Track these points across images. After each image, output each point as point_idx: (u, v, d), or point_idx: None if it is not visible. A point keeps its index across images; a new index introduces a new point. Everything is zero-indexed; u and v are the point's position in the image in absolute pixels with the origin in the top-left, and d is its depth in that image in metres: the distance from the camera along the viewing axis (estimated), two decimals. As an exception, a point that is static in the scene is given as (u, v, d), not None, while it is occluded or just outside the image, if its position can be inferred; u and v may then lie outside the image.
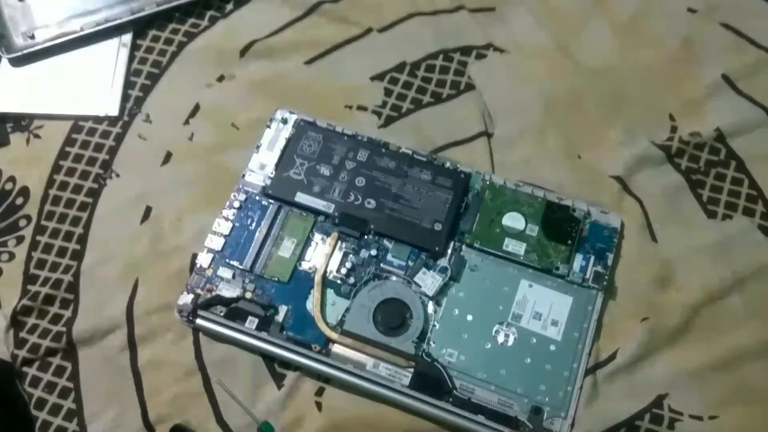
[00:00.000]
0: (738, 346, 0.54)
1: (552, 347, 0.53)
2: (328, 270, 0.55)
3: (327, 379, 0.53)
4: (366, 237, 0.57)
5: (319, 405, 0.53)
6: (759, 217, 0.58)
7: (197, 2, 0.69)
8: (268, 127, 0.61)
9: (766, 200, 0.59)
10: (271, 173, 0.59)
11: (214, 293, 0.55)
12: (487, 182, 0.58)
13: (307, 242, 0.56)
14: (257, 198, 0.58)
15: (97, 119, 0.64)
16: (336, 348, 0.53)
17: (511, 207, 0.57)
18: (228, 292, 0.55)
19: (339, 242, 0.56)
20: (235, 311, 0.54)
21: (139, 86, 0.66)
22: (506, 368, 0.52)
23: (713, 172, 0.60)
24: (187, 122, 0.64)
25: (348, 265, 0.56)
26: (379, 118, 0.64)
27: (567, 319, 0.53)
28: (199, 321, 0.54)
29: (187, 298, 0.55)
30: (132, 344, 0.55)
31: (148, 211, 0.60)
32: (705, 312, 0.55)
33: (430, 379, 0.52)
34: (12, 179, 0.62)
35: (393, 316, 0.53)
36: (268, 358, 0.54)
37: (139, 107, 0.65)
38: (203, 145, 0.63)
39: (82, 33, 0.66)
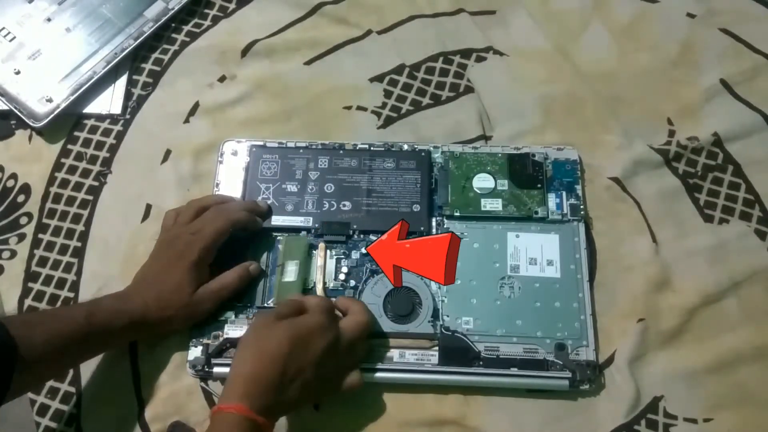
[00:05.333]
0: (733, 349, 0.54)
1: (555, 285, 0.55)
2: (327, 281, 0.56)
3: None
4: (352, 238, 0.57)
5: (315, 404, 0.53)
6: (755, 222, 0.59)
7: (198, 2, 0.70)
8: (220, 162, 0.61)
9: (763, 205, 0.59)
10: None
11: (222, 338, 0.54)
12: (447, 153, 0.60)
13: (306, 261, 0.56)
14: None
15: (100, 117, 0.65)
16: None
17: (477, 170, 0.59)
18: (236, 332, 0.54)
19: (328, 251, 0.57)
20: None
21: (141, 84, 0.66)
22: (521, 318, 0.54)
23: (710, 177, 0.61)
24: (187, 121, 0.65)
25: (344, 270, 0.56)
26: (378, 118, 0.64)
27: (559, 255, 0.56)
28: (216, 369, 0.53)
29: (196, 352, 0.53)
30: (132, 342, 0.55)
31: (148, 209, 0.61)
32: (701, 315, 0.55)
33: (456, 351, 0.53)
34: (14, 176, 0.63)
35: (402, 304, 0.54)
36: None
37: (141, 105, 0.65)
38: (203, 143, 0.63)
39: (97, 77, 0.65)
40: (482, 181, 0.59)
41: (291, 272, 0.55)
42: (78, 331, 0.47)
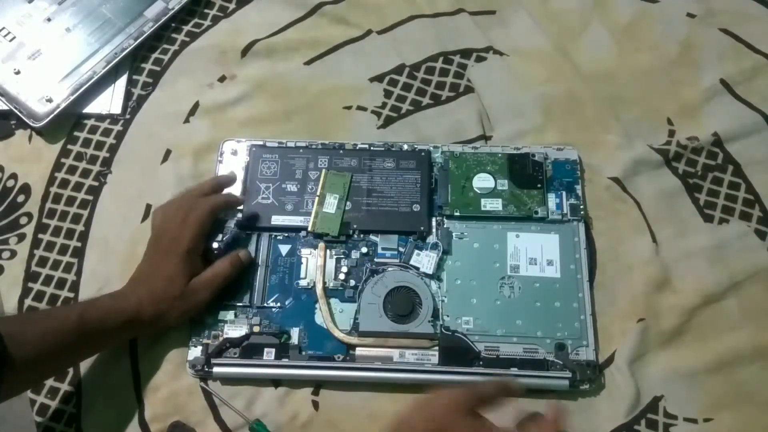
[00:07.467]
0: (733, 348, 0.54)
1: (555, 285, 0.55)
2: (327, 280, 0.56)
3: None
4: (352, 238, 0.57)
5: (315, 404, 0.53)
6: (755, 222, 0.59)
7: (198, 1, 0.70)
8: (220, 161, 0.61)
9: (763, 205, 0.59)
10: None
11: (221, 338, 0.54)
12: (447, 153, 0.60)
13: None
14: (235, 233, 0.56)
15: (100, 117, 0.65)
16: (359, 351, 0.53)
17: (476, 170, 0.59)
18: (235, 332, 0.54)
19: (328, 251, 0.57)
20: (249, 348, 0.54)
21: (141, 84, 0.66)
22: (521, 318, 0.54)
23: (710, 177, 0.61)
24: (187, 121, 0.65)
25: (344, 269, 0.56)
26: (378, 118, 0.64)
27: (559, 255, 0.56)
28: (215, 369, 0.53)
29: (196, 351, 0.53)
30: (132, 342, 0.55)
31: (148, 209, 0.61)
32: (701, 314, 0.55)
33: (456, 351, 0.53)
34: (14, 176, 0.63)
35: (402, 304, 0.54)
36: (298, 384, 0.54)
37: (141, 105, 0.65)
38: (203, 143, 0.63)
39: (97, 76, 0.65)
40: (482, 181, 0.59)
41: (331, 204, 0.56)
42: (71, 330, 0.47)
